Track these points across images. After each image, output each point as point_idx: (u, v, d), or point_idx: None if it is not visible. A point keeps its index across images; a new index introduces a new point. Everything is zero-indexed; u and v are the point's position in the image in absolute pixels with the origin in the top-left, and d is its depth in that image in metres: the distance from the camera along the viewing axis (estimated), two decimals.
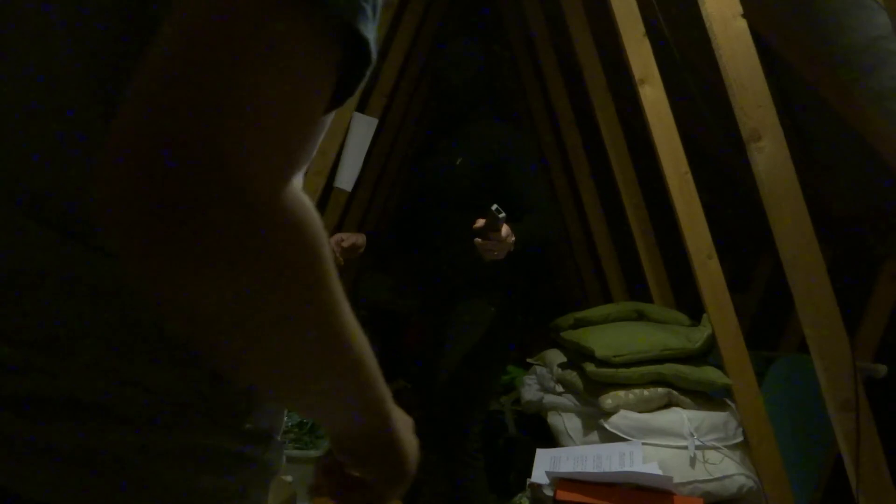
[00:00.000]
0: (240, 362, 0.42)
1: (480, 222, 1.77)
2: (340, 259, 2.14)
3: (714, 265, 1.92)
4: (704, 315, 2.02)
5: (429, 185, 2.31)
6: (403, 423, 0.59)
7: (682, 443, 1.85)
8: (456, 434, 2.15)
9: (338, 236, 2.15)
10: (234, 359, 0.42)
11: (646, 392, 1.93)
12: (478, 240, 1.79)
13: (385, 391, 0.53)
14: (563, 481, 1.76)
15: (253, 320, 0.38)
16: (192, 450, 0.49)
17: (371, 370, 0.50)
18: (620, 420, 1.89)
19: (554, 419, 2.21)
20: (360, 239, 2.17)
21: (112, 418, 0.46)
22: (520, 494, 2.20)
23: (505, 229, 1.77)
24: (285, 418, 0.61)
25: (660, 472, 1.74)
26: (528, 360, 2.63)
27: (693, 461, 1.82)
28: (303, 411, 0.57)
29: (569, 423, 2.11)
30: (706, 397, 2.00)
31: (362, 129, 2.70)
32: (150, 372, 0.48)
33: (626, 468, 1.75)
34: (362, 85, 0.43)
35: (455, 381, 2.15)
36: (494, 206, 1.71)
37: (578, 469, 1.79)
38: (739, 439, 1.89)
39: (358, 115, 2.70)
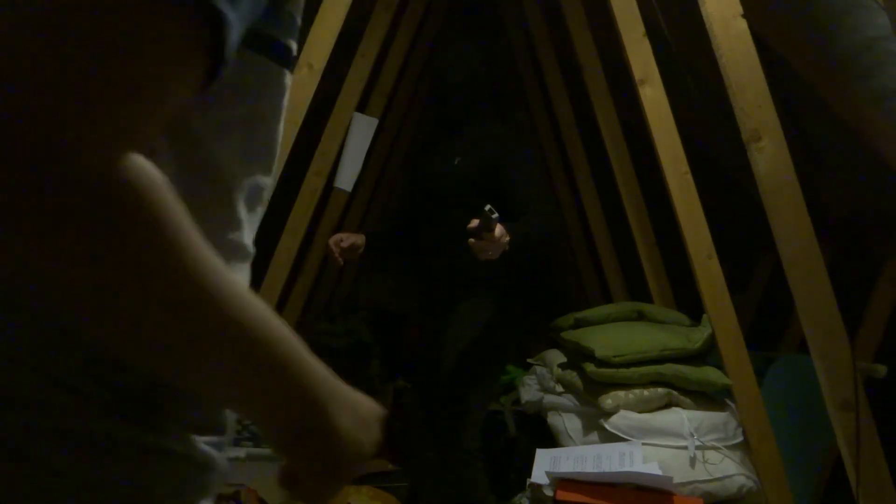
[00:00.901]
0: (106, 337, 0.42)
1: (474, 223, 1.77)
2: (339, 260, 2.14)
3: (714, 265, 1.93)
4: (704, 315, 2.02)
5: (427, 185, 2.31)
6: (361, 412, 0.54)
7: (682, 443, 1.85)
8: (456, 434, 2.15)
9: (337, 236, 2.15)
10: (101, 334, 0.41)
11: (646, 392, 1.93)
12: (472, 240, 1.80)
13: (314, 375, 0.49)
14: (563, 481, 1.76)
15: (97, 288, 0.38)
16: (97, 438, 0.47)
17: (280, 349, 0.47)
18: (620, 420, 1.89)
19: (554, 419, 2.21)
20: (359, 239, 2.17)
21: (14, 405, 0.46)
22: (520, 494, 2.19)
23: (499, 229, 1.77)
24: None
25: (660, 473, 1.74)
26: (528, 360, 2.64)
27: (693, 461, 1.82)
28: (210, 398, 0.53)
29: (569, 423, 2.11)
30: (706, 397, 2.00)
31: (362, 129, 2.70)
32: (48, 361, 0.47)
33: (626, 468, 1.75)
34: (228, 60, 0.42)
35: (455, 381, 2.15)
36: (488, 207, 1.71)
37: (578, 469, 1.79)
38: (739, 439, 1.89)
39: (358, 115, 2.70)
